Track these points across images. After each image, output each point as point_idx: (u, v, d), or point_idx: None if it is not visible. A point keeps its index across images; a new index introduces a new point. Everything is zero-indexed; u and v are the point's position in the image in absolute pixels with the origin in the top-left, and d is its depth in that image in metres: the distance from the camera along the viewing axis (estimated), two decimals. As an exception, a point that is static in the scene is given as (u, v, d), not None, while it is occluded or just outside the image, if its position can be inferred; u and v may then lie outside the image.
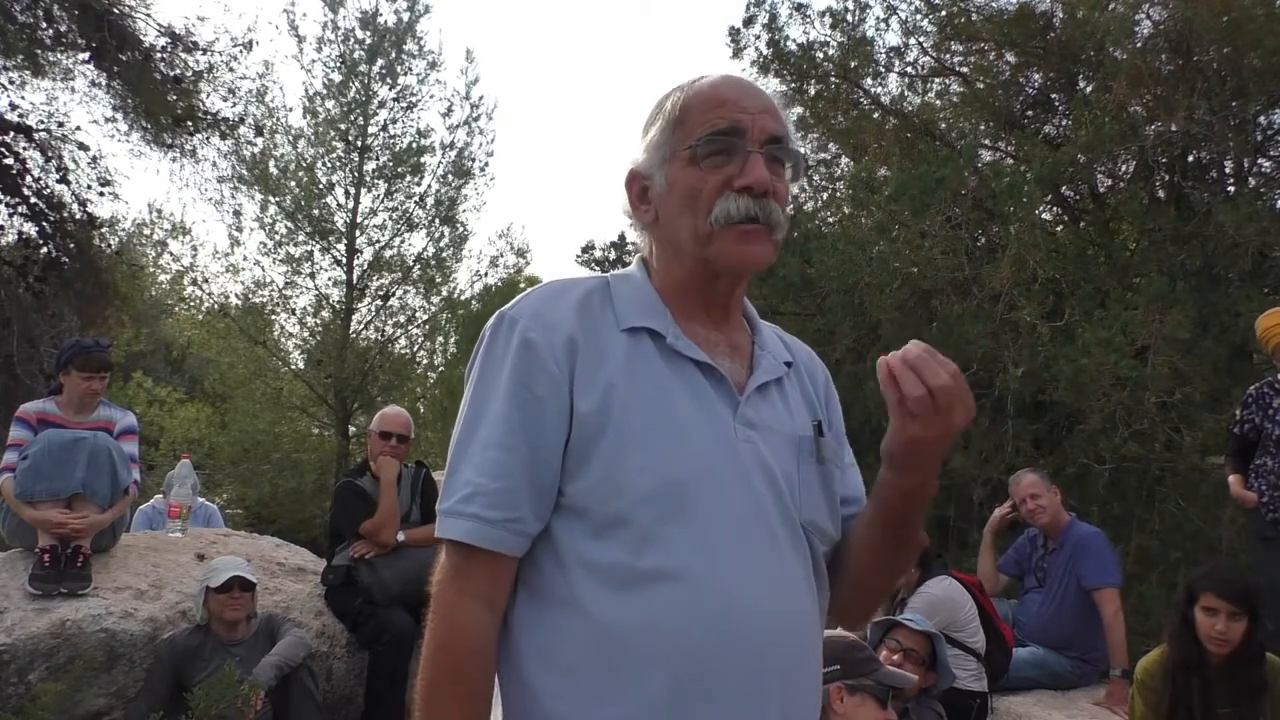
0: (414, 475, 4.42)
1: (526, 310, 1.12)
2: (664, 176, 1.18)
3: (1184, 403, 5.78)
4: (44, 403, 4.08)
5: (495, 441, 1.08)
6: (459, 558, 1.08)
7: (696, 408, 1.12)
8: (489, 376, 1.11)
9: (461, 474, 1.09)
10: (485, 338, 1.14)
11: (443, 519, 1.09)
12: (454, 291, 15.25)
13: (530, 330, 1.10)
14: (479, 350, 1.14)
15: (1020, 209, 6.69)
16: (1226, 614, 2.96)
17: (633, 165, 1.22)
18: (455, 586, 1.08)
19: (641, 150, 1.22)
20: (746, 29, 8.81)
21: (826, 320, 7.39)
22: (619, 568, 1.05)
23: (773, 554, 1.12)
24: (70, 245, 8.64)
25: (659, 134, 1.19)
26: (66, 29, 7.96)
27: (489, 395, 1.10)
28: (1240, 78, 6.57)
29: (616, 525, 1.05)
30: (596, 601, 1.04)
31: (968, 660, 3.63)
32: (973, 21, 8.03)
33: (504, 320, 1.13)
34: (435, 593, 1.09)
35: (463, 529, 1.07)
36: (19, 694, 3.35)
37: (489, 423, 1.09)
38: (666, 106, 1.20)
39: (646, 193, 1.21)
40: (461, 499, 1.07)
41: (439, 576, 1.09)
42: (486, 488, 1.06)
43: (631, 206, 1.24)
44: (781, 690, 1.09)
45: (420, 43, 14.09)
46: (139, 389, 15.50)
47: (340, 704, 4.07)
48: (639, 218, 1.23)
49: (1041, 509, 4.23)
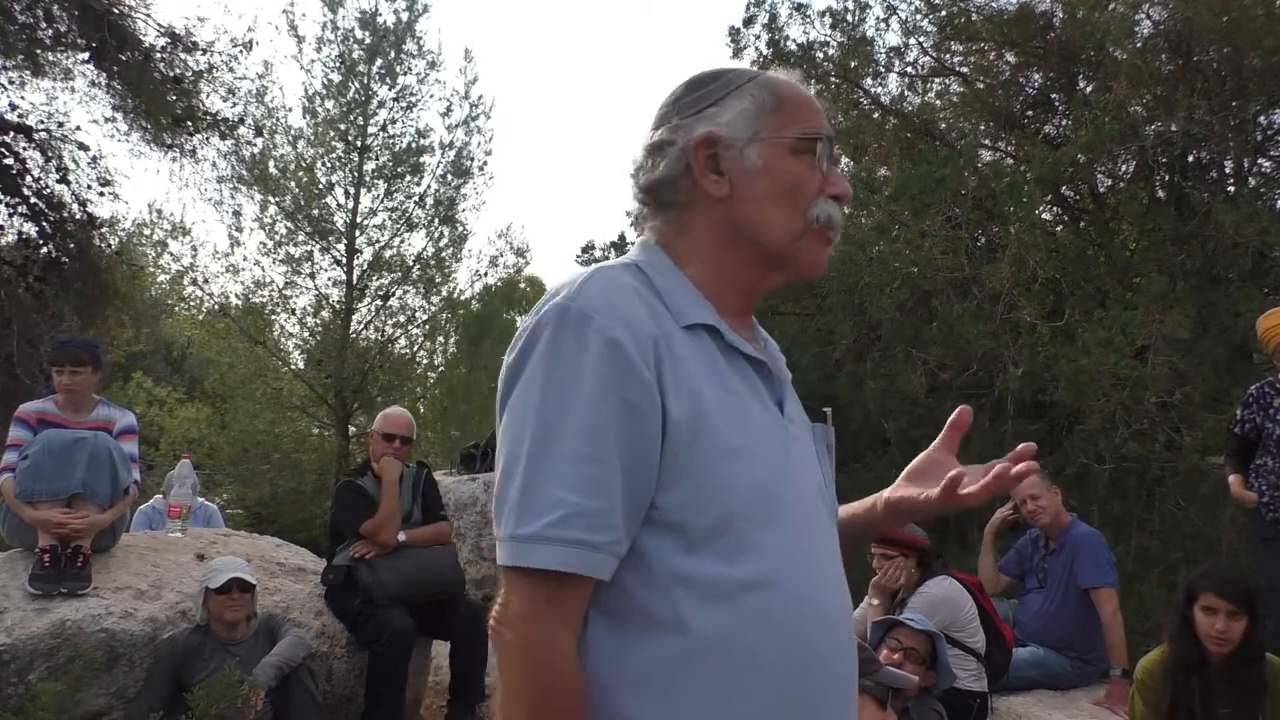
0: (415, 475, 4.42)
1: (598, 304, 1.00)
2: (758, 155, 1.10)
3: (1184, 403, 5.78)
4: (44, 403, 4.08)
5: (587, 454, 0.95)
6: (551, 586, 0.95)
7: (761, 407, 1.09)
8: (562, 379, 0.97)
9: (547, 492, 0.95)
10: (546, 332, 1.00)
11: (528, 545, 0.95)
12: (454, 291, 15.26)
13: (614, 328, 0.98)
14: (537, 346, 1.00)
15: (1020, 209, 6.69)
16: (1226, 613, 2.96)
17: (705, 131, 1.10)
18: (549, 620, 0.96)
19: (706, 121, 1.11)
20: (746, 29, 8.82)
21: (826, 320, 7.39)
22: (717, 580, 0.98)
23: (833, 552, 1.13)
24: (70, 245, 8.64)
25: (751, 110, 1.11)
26: (66, 29, 7.95)
27: (567, 401, 0.97)
28: (1240, 78, 6.57)
29: (712, 536, 0.99)
30: (696, 618, 0.97)
31: (968, 660, 3.63)
32: (973, 21, 8.03)
33: (571, 314, 0.99)
34: (518, 629, 0.96)
35: (561, 556, 0.94)
36: (19, 694, 3.35)
37: (574, 433, 0.96)
38: (749, 84, 1.13)
39: (718, 162, 1.11)
40: (555, 521, 0.94)
41: (518, 609, 0.96)
42: (585, 508, 0.94)
43: (699, 172, 1.10)
44: (852, 689, 1.12)
45: (419, 42, 14.11)
46: (139, 389, 15.49)
47: (340, 704, 4.07)
48: (708, 188, 1.10)
49: (1042, 509, 4.23)
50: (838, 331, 7.12)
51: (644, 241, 1.16)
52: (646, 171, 1.14)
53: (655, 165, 1.13)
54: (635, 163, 1.16)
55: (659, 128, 1.14)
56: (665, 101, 1.16)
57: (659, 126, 1.14)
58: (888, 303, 6.69)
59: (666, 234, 1.14)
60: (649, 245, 1.14)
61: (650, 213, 1.15)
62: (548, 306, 1.02)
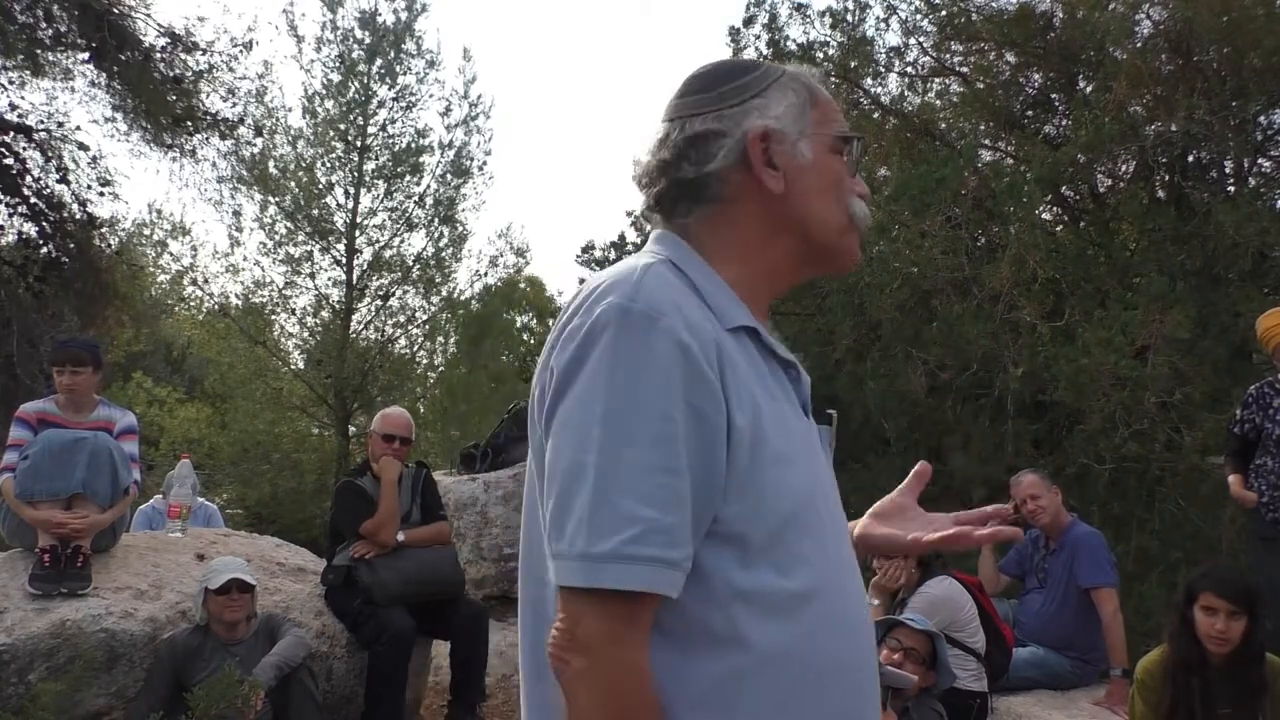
0: (414, 475, 4.42)
1: (662, 304, 0.95)
2: (808, 149, 1.09)
3: (1184, 403, 5.78)
4: (44, 403, 4.08)
5: (660, 465, 0.90)
6: (629, 607, 0.89)
7: (794, 411, 1.07)
8: (629, 384, 0.91)
9: (620, 506, 0.89)
10: (608, 334, 0.93)
11: (603, 564, 0.88)
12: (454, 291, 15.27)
13: (680, 331, 0.93)
14: (595, 347, 0.94)
15: (1020, 209, 6.69)
16: (1226, 613, 2.96)
17: (761, 123, 1.08)
18: (630, 644, 0.90)
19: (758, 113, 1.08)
20: (746, 29, 8.82)
21: (826, 320, 7.39)
22: (773, 593, 0.96)
23: (854, 558, 1.12)
24: (70, 245, 8.64)
25: (797, 105, 1.10)
26: (66, 29, 7.96)
27: (636, 408, 0.91)
28: (1240, 78, 6.57)
29: (769, 547, 0.96)
30: (755, 633, 0.94)
31: (968, 660, 3.63)
32: (973, 21, 8.03)
33: (634, 315, 0.93)
34: (599, 655, 0.90)
35: (647, 577, 0.88)
36: (19, 694, 3.35)
37: (646, 443, 0.90)
38: (790, 77, 1.12)
39: (771, 157, 1.08)
40: (632, 538, 0.88)
41: (595, 633, 0.90)
42: (662, 523, 0.89)
43: (757, 167, 1.07)
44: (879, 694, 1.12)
45: (419, 42, 14.12)
46: (139, 389, 15.49)
47: (340, 704, 4.07)
48: (766, 183, 1.07)
49: (1042, 509, 4.23)
50: (838, 331, 7.12)
51: (662, 235, 1.11)
52: (692, 163, 1.08)
53: (704, 157, 1.07)
54: (667, 154, 1.09)
55: (694, 116, 1.09)
56: (693, 89, 1.12)
57: (693, 115, 1.09)
58: (888, 303, 6.69)
59: (699, 229, 1.09)
60: (672, 240, 1.09)
61: (683, 207, 1.10)
62: (604, 305, 0.95)
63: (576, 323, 0.96)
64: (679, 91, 1.13)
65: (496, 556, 5.80)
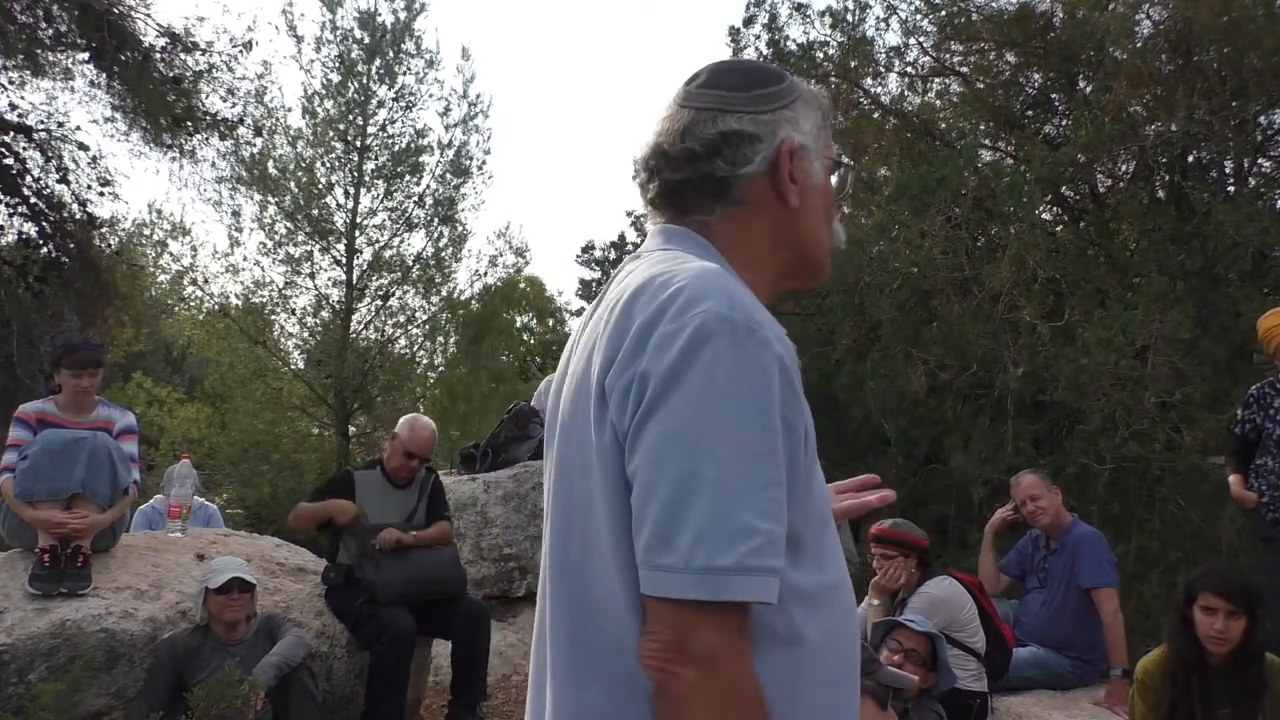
0: (424, 479, 4.44)
1: (756, 314, 0.95)
2: (820, 170, 1.13)
3: (1184, 403, 5.78)
4: (43, 403, 4.08)
5: (770, 478, 0.92)
6: (743, 619, 0.91)
7: None
8: (740, 395, 0.92)
9: (740, 519, 0.89)
10: (715, 344, 0.92)
11: (727, 576, 0.88)
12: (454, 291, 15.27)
13: (777, 344, 0.95)
14: (700, 357, 0.92)
15: (1020, 209, 6.69)
16: (1225, 613, 2.96)
17: (795, 138, 1.09)
18: (747, 655, 0.92)
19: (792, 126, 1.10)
20: (746, 29, 8.83)
21: (826, 320, 7.39)
22: (818, 588, 1.00)
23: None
24: (70, 245, 8.64)
25: (818, 123, 1.13)
26: (66, 29, 7.96)
27: (746, 420, 0.92)
28: (1240, 78, 6.57)
29: (814, 545, 1.01)
30: (809, 628, 0.99)
31: (968, 660, 3.63)
32: (973, 21, 8.03)
33: (737, 325, 0.93)
34: (721, 668, 0.89)
35: (766, 588, 0.90)
36: (19, 694, 3.35)
37: (759, 456, 0.91)
38: (809, 94, 1.14)
39: (793, 172, 1.10)
40: (751, 551, 0.89)
41: (713, 644, 0.89)
42: (776, 534, 0.91)
43: (783, 179, 1.09)
44: None
45: (418, 42, 14.12)
46: (139, 389, 15.50)
47: (340, 704, 4.07)
48: (786, 195, 1.09)
49: (1042, 510, 4.23)
50: (838, 331, 7.12)
51: (682, 233, 1.10)
52: (727, 162, 1.07)
53: (740, 158, 1.07)
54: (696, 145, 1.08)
55: (728, 113, 1.08)
56: (725, 84, 1.11)
57: (726, 111, 1.08)
58: (888, 303, 6.69)
59: (721, 228, 1.10)
60: (698, 242, 1.09)
61: (706, 204, 1.09)
62: (703, 312, 0.93)
63: (669, 328, 0.93)
64: (705, 81, 1.12)
65: (496, 556, 5.81)
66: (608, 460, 0.96)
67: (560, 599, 1.03)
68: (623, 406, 0.95)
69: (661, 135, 1.11)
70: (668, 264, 1.01)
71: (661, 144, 1.11)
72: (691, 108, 1.10)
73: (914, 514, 6.01)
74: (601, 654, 0.98)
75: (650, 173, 1.12)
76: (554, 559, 1.05)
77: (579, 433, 1.00)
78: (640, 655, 0.93)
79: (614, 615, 0.96)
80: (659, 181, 1.11)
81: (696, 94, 1.11)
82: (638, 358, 0.94)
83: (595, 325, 1.04)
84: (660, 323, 0.94)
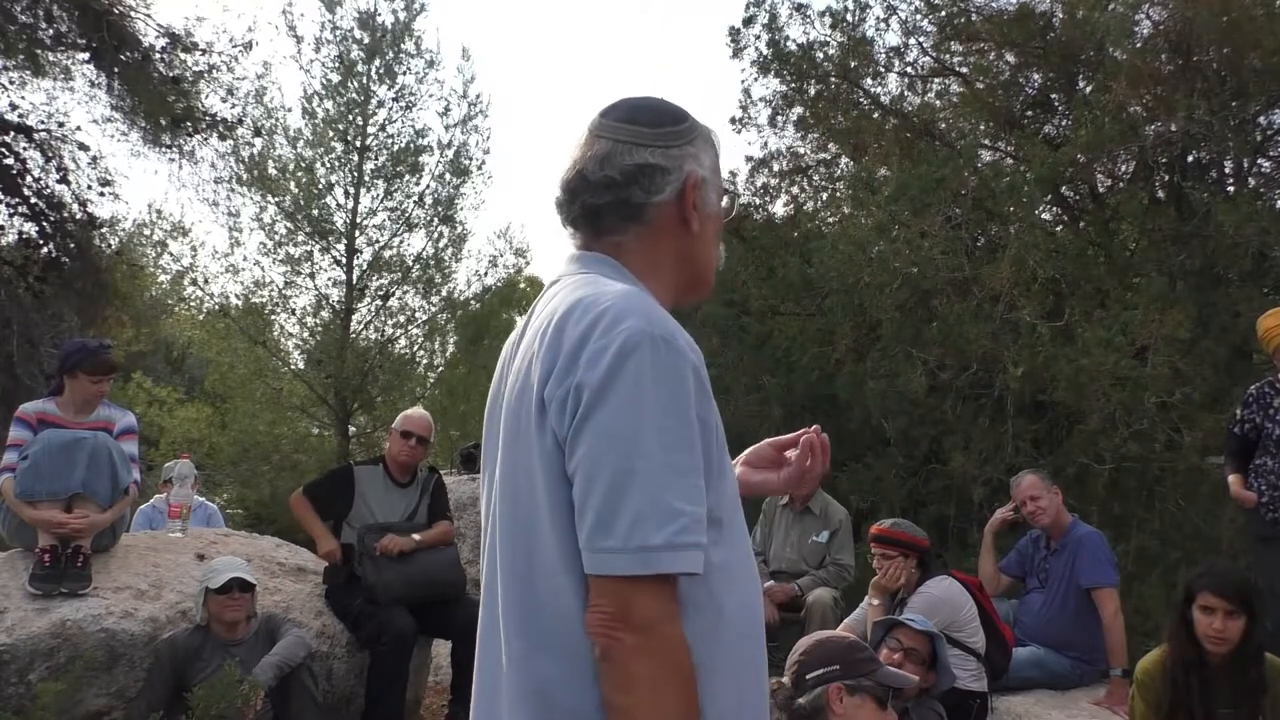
0: (426, 479, 4.45)
1: (671, 328, 1.11)
2: (715, 200, 1.30)
3: (1184, 403, 5.78)
4: (44, 403, 4.08)
5: (690, 467, 1.07)
6: (674, 589, 1.06)
7: None
8: (664, 397, 1.06)
9: (668, 504, 1.04)
10: (639, 356, 1.06)
11: (659, 553, 1.03)
12: (453, 292, 15.24)
13: (689, 352, 1.11)
14: (626, 368, 1.06)
15: (1020, 209, 6.69)
16: (1223, 612, 2.96)
17: (698, 172, 1.26)
18: (677, 620, 1.06)
19: (695, 161, 1.26)
20: (746, 29, 8.81)
21: (826, 320, 7.39)
22: (733, 563, 1.15)
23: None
24: (70, 245, 8.63)
25: (713, 158, 1.30)
26: (66, 29, 7.95)
27: (671, 420, 1.06)
28: (1240, 78, 6.57)
29: (728, 525, 1.16)
30: (727, 599, 1.13)
31: (968, 660, 3.63)
32: (973, 21, 8.03)
33: (656, 338, 1.08)
34: (658, 632, 1.04)
35: (693, 561, 1.05)
36: (19, 694, 3.35)
37: (680, 449, 1.06)
38: (705, 131, 1.30)
39: (695, 203, 1.27)
40: (680, 529, 1.04)
41: (652, 613, 1.04)
42: (698, 515, 1.06)
43: (687, 207, 1.25)
44: None
45: (418, 42, 14.09)
46: (139, 389, 15.48)
47: (340, 704, 4.07)
48: (689, 221, 1.26)
49: (1042, 510, 4.23)
50: (838, 331, 7.12)
51: (595, 258, 1.25)
52: (644, 190, 1.22)
53: (654, 187, 1.23)
54: (614, 173, 1.22)
55: (641, 146, 1.23)
56: (635, 119, 1.25)
57: (639, 144, 1.23)
58: (888, 303, 6.69)
59: (632, 247, 1.25)
60: (609, 263, 1.24)
61: (620, 225, 1.24)
62: (627, 329, 1.07)
63: (600, 344, 1.07)
64: (620, 115, 1.27)
65: (496, 556, 5.80)
66: (550, 461, 1.10)
67: (511, 592, 1.15)
68: (561, 413, 1.08)
69: (580, 161, 1.25)
70: (590, 288, 1.15)
71: (582, 170, 1.24)
72: (609, 139, 1.24)
73: (914, 514, 6.01)
74: (550, 630, 1.11)
75: (571, 194, 1.26)
76: (503, 557, 1.17)
77: (523, 441, 1.14)
78: (587, 626, 1.06)
79: (559, 594, 1.10)
80: (579, 204, 1.25)
81: (611, 126, 1.25)
82: (572, 370, 1.08)
83: (528, 346, 1.17)
84: (590, 339, 1.08)
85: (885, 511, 6.03)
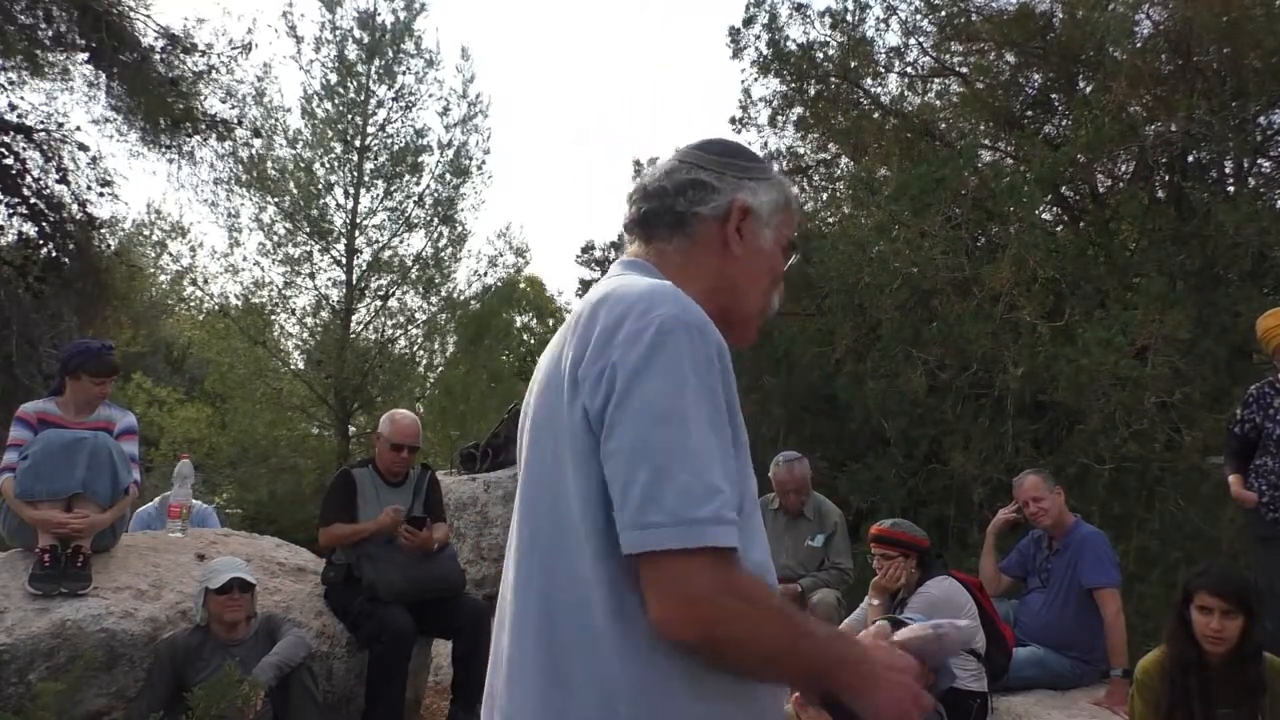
0: (419, 477, 4.43)
1: (702, 317, 1.13)
2: (770, 239, 1.32)
3: (1184, 403, 5.78)
4: (44, 403, 4.08)
5: (725, 449, 1.09)
6: (730, 560, 1.06)
7: None
8: (700, 378, 1.08)
9: (711, 480, 1.05)
10: (675, 336, 1.09)
11: (705, 526, 1.03)
12: (453, 292, 15.26)
13: (722, 343, 1.14)
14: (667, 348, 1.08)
15: (1020, 209, 6.70)
16: (1221, 612, 2.96)
17: (749, 200, 1.30)
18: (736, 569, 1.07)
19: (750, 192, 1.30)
20: (746, 29, 8.83)
21: (826, 320, 7.40)
22: (751, 556, 1.14)
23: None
24: (70, 245, 8.63)
25: (777, 201, 1.33)
26: (66, 29, 7.96)
27: (704, 402, 1.08)
28: (1240, 78, 6.57)
29: (744, 523, 1.14)
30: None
31: (968, 660, 3.63)
32: (973, 21, 8.04)
33: (691, 327, 1.10)
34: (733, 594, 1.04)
35: (735, 535, 1.05)
36: (19, 694, 3.35)
37: (715, 430, 1.08)
38: (779, 181, 1.35)
39: (742, 229, 1.30)
40: (723, 504, 1.05)
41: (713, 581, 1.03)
42: (733, 494, 1.08)
43: (730, 227, 1.29)
44: None
45: (417, 42, 14.10)
46: (139, 389, 15.49)
47: (340, 704, 4.07)
48: (730, 242, 1.29)
49: (1044, 511, 4.22)
50: (838, 331, 7.12)
51: (638, 263, 1.30)
52: (688, 200, 1.29)
53: (698, 200, 1.29)
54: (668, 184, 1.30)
55: (702, 169, 1.31)
56: (709, 149, 1.34)
57: (701, 167, 1.31)
58: (888, 303, 6.69)
59: (675, 255, 1.30)
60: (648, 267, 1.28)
61: (666, 232, 1.30)
62: (661, 314, 1.10)
63: (634, 327, 1.09)
64: (697, 143, 1.36)
65: (497, 556, 5.80)
66: (577, 436, 1.11)
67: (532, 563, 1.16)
68: (595, 390, 1.09)
69: (649, 175, 1.34)
70: (624, 281, 1.20)
71: (646, 181, 1.34)
72: (679, 159, 1.34)
73: (914, 514, 6.01)
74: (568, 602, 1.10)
75: (631, 202, 1.35)
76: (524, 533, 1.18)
77: (553, 420, 1.15)
78: (657, 628, 1.05)
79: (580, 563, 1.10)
80: (634, 209, 1.34)
81: (686, 151, 1.35)
82: (607, 351, 1.09)
83: (561, 336, 1.20)
84: (626, 321, 1.10)
85: (885, 511, 6.04)
